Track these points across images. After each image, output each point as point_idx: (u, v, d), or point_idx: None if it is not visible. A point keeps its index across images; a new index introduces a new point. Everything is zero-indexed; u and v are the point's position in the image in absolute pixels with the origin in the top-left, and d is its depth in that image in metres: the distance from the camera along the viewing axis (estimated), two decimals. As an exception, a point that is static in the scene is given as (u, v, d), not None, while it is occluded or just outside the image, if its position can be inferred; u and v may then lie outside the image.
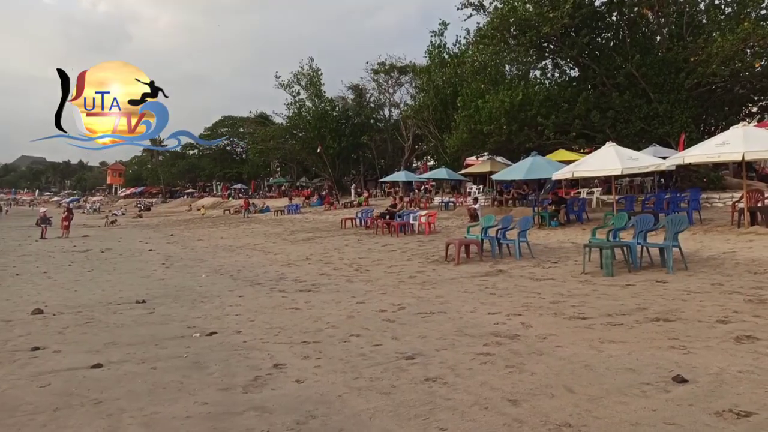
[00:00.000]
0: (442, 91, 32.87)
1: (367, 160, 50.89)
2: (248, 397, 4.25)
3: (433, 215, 19.17)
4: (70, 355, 5.56)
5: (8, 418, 3.96)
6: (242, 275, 11.49)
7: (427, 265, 11.50)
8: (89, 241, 21.99)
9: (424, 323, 6.48)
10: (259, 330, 6.51)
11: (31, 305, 8.31)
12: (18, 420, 3.91)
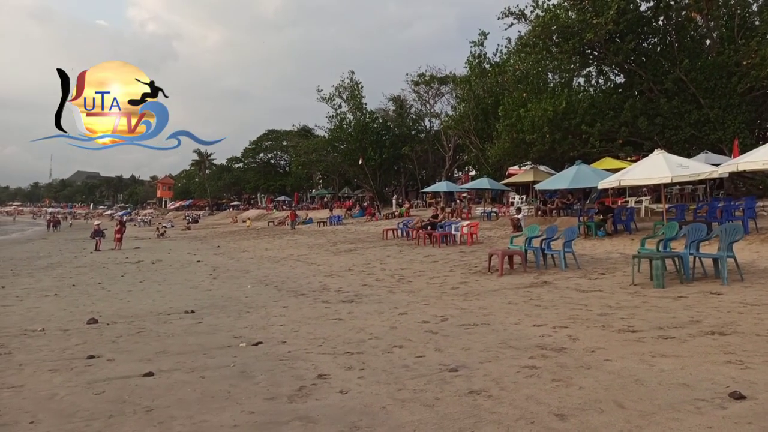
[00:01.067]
0: (483, 100, 32.68)
1: (408, 171, 50.94)
2: (293, 407, 4.30)
3: (475, 226, 19.01)
4: (123, 364, 5.75)
5: (66, 423, 4.12)
6: (286, 286, 11.66)
7: (469, 276, 11.40)
8: (140, 253, 22.75)
9: (467, 335, 6.42)
10: (303, 340, 6.58)
11: (86, 315, 8.64)
12: (75, 426, 4.07)
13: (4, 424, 4.11)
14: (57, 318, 8.61)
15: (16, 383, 5.12)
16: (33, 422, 4.14)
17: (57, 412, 4.35)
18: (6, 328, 7.84)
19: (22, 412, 4.34)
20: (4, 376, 5.35)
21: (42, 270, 16.69)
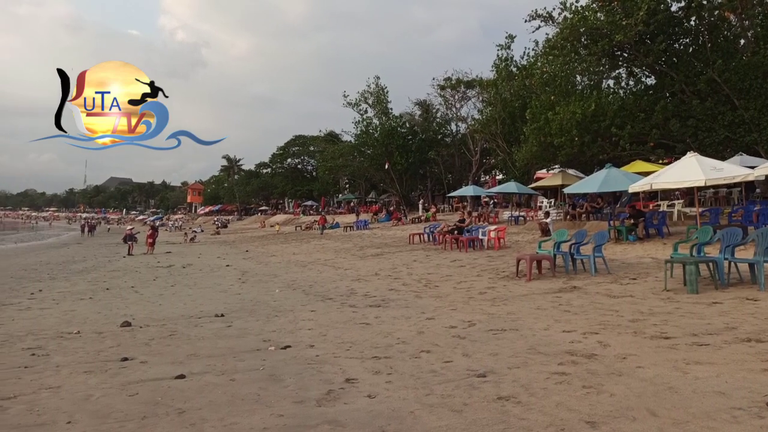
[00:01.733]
0: (510, 104, 32.47)
1: (434, 176, 50.86)
2: (322, 411, 4.33)
3: (502, 230, 18.87)
4: (156, 366, 5.87)
5: (101, 424, 4.22)
6: (314, 290, 11.74)
7: (497, 281, 11.32)
8: (171, 257, 23.18)
9: (495, 340, 6.37)
10: (330, 344, 6.62)
11: (120, 318, 8.84)
12: (110, 426, 4.17)
13: (42, 424, 4.23)
14: (92, 321, 8.83)
15: (53, 384, 5.27)
16: (70, 422, 4.25)
17: (92, 412, 4.46)
18: (44, 330, 8.07)
19: (59, 412, 4.46)
20: (42, 377, 5.51)
21: (77, 274, 17.14)
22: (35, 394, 4.96)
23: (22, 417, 4.38)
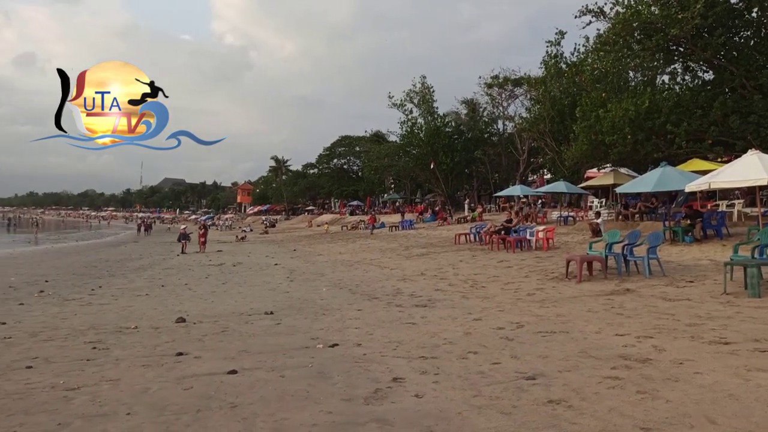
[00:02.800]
0: (559, 101, 31.77)
1: (480, 175, 50.31)
2: (370, 409, 4.36)
3: (551, 230, 18.51)
4: (209, 361, 6.04)
5: (158, 416, 4.39)
6: (360, 289, 11.83)
7: (546, 283, 11.12)
8: (222, 256, 23.81)
9: (544, 343, 6.27)
10: (377, 343, 6.66)
11: (175, 314, 9.16)
12: (167, 418, 4.32)
13: (104, 414, 4.43)
14: (148, 316, 9.18)
15: (113, 377, 5.51)
16: (129, 414, 4.43)
17: (150, 405, 4.64)
18: (104, 325, 8.44)
19: (119, 404, 4.66)
20: (103, 370, 5.77)
21: (134, 271, 17.83)
22: (97, 386, 5.19)
23: (86, 407, 4.60)
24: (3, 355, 6.47)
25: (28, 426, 4.18)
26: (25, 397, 4.89)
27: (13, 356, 6.42)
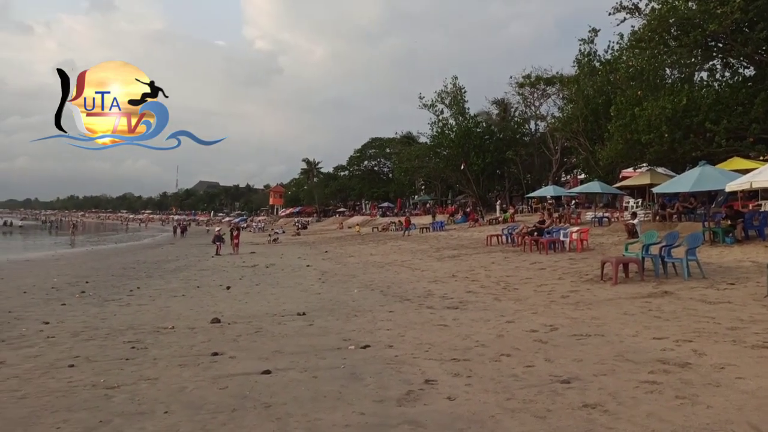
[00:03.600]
0: (592, 100, 31.19)
1: (512, 176, 49.78)
2: (402, 411, 4.36)
3: (585, 231, 18.19)
4: (243, 361, 6.14)
5: (195, 414, 4.48)
6: (391, 291, 11.84)
7: (580, 285, 10.93)
8: (256, 258, 24.13)
9: (579, 346, 6.16)
10: (409, 345, 6.66)
11: (210, 315, 9.32)
12: (203, 417, 4.41)
13: (143, 412, 4.54)
14: (184, 317, 9.37)
15: (151, 376, 5.64)
16: (167, 412, 4.54)
17: (187, 403, 4.74)
18: (142, 325, 8.65)
19: (157, 402, 4.78)
20: (141, 369, 5.92)
21: (170, 272, 18.22)
22: (135, 385, 5.33)
23: (125, 405, 4.72)
24: (47, 354, 6.69)
25: (71, 423, 4.32)
26: (68, 394, 5.05)
27: (56, 355, 6.64)
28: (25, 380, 5.54)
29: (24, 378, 5.62)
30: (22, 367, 6.07)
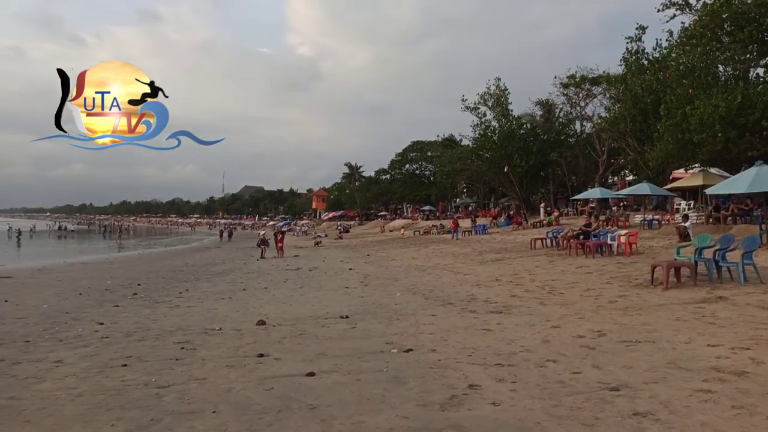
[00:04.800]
0: (641, 99, 30.31)
1: (557, 178, 48.85)
2: (446, 415, 4.34)
3: (634, 235, 17.67)
4: (288, 363, 6.23)
5: (242, 415, 4.57)
6: (434, 295, 11.79)
7: (629, 289, 10.62)
8: (299, 261, 24.46)
9: (629, 352, 5.99)
10: (452, 349, 6.61)
11: (255, 317, 9.50)
12: (249, 418, 4.50)
13: (192, 412, 4.67)
14: (231, 319, 9.58)
15: (200, 376, 5.79)
16: (215, 412, 4.65)
17: (234, 404, 4.84)
18: (191, 326, 8.90)
19: (206, 402, 4.90)
20: (190, 369, 6.08)
21: (218, 275, 18.67)
22: (185, 385, 5.48)
23: (175, 404, 4.86)
24: (101, 354, 6.96)
25: (125, 420, 4.47)
26: (121, 393, 5.24)
27: (110, 354, 6.89)
28: (82, 378, 5.78)
29: (80, 376, 5.86)
30: (79, 366, 6.33)
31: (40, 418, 4.56)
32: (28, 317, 9.91)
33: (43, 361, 6.57)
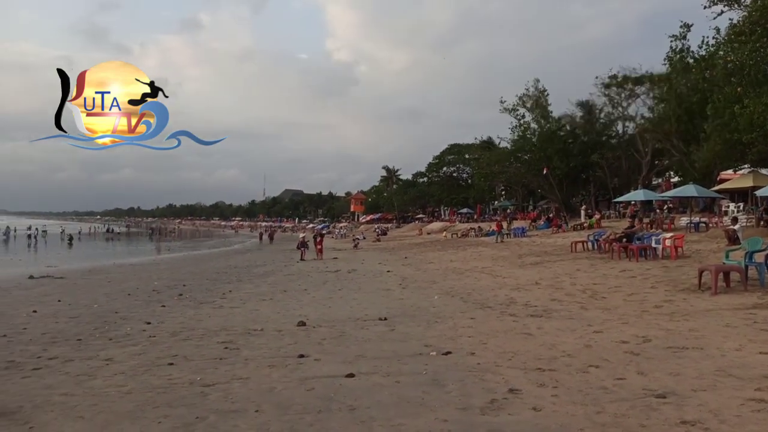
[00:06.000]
0: (686, 99, 29.40)
1: (598, 180, 47.73)
2: (486, 420, 4.31)
3: (680, 238, 17.14)
4: (328, 364, 6.30)
5: (283, 414, 4.65)
6: (472, 298, 11.72)
7: (675, 294, 10.32)
8: (338, 263, 24.66)
9: (675, 359, 5.83)
10: (491, 353, 6.57)
11: (296, 318, 9.64)
12: (291, 417, 4.58)
13: (236, 410, 4.78)
14: (272, 320, 9.74)
15: (243, 375, 5.92)
16: (258, 411, 4.75)
17: (276, 403, 4.93)
18: (233, 326, 9.09)
19: (248, 401, 5.01)
20: (234, 369, 6.22)
21: (259, 277, 18.99)
22: (229, 384, 5.61)
23: (220, 403, 4.99)
24: (149, 352, 7.19)
25: (171, 418, 4.62)
26: (168, 391, 5.40)
27: (157, 353, 7.11)
28: (130, 376, 5.98)
29: (129, 374, 6.07)
30: (128, 364, 6.56)
31: (93, 414, 4.74)
32: (80, 316, 10.31)
33: (94, 359, 6.83)
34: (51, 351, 7.28)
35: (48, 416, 4.69)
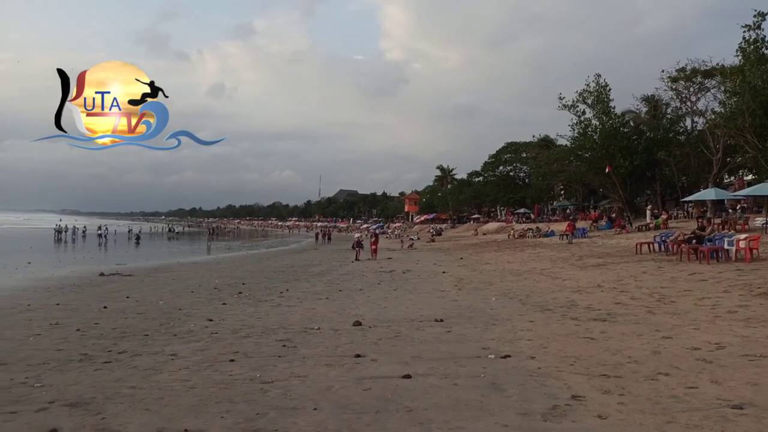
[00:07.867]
0: (761, 92, 27.68)
1: (664, 178, 45.67)
2: (548, 426, 4.18)
3: (755, 239, 16.15)
4: (385, 365, 6.29)
5: (342, 413, 4.67)
6: (531, 300, 11.44)
7: (751, 299, 9.72)
8: (393, 263, 24.69)
9: (753, 368, 5.47)
10: (552, 357, 6.37)
11: (351, 317, 9.70)
12: (349, 416, 4.58)
13: (294, 408, 4.84)
14: (329, 319, 9.84)
15: (301, 373, 5.99)
16: (316, 409, 4.78)
17: (333, 402, 4.96)
18: (291, 325, 9.24)
19: (306, 399, 5.06)
20: (292, 366, 6.31)
21: (315, 276, 19.27)
22: (287, 381, 5.69)
23: (279, 400, 5.06)
24: (211, 349, 7.40)
25: (233, 413, 4.72)
26: (230, 387, 5.53)
27: (219, 350, 7.31)
28: (194, 372, 6.16)
29: (193, 369, 6.26)
30: (191, 359, 6.77)
31: (159, 408, 4.91)
32: (147, 312, 10.74)
33: (160, 354, 7.09)
34: (120, 345, 7.61)
35: (118, 408, 4.89)
